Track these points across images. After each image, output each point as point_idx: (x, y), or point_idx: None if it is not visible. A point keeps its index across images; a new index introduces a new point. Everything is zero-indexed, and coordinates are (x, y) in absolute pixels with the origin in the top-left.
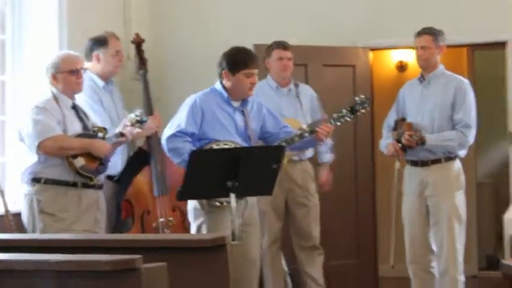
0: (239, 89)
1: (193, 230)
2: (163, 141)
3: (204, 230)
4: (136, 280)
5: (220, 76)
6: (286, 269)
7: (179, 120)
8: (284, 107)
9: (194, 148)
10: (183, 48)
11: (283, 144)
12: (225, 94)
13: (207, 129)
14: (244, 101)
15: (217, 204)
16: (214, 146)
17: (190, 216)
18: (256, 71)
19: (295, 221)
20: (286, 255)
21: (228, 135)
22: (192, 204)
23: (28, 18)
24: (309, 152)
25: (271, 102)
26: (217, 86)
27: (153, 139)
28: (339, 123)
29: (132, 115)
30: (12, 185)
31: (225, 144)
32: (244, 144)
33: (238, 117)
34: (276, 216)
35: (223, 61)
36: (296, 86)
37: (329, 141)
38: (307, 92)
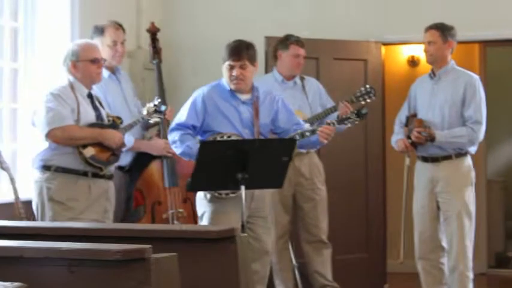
0: (226, 79)
1: (199, 220)
2: (168, 134)
3: (205, 221)
4: (145, 270)
5: None
6: (294, 262)
7: (181, 113)
8: (289, 99)
9: (193, 140)
10: (194, 40)
11: None
12: (228, 87)
13: (211, 122)
14: (253, 94)
15: (220, 195)
16: (218, 138)
17: (197, 207)
18: (236, 63)
19: (302, 215)
20: (294, 248)
21: (231, 127)
22: (198, 195)
23: (40, 6)
24: None
25: None
26: (223, 79)
27: (164, 130)
28: (344, 126)
29: (151, 104)
30: (24, 172)
31: (228, 137)
32: (250, 137)
33: (244, 109)
34: (284, 210)
35: None
36: (302, 79)
37: None
38: (313, 85)
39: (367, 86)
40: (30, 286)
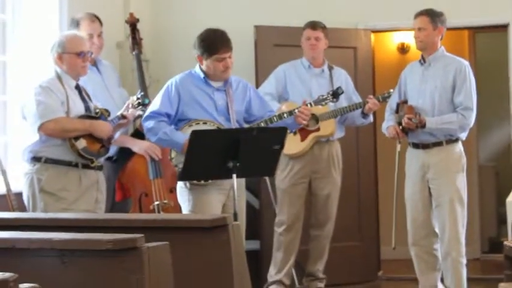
0: (213, 73)
1: (182, 210)
2: (142, 123)
3: (189, 209)
4: (137, 259)
5: (196, 59)
6: None
7: (155, 102)
8: (314, 87)
9: (169, 127)
10: (185, 29)
11: (262, 124)
12: (202, 75)
13: (186, 110)
14: (225, 81)
15: (199, 182)
16: (194, 125)
17: (178, 197)
18: (228, 54)
19: (315, 202)
20: None
21: (206, 114)
22: (178, 184)
23: None
24: (339, 133)
25: (301, 81)
26: (196, 68)
27: None
28: (320, 106)
29: (134, 97)
30: (14, 164)
31: (204, 123)
32: (225, 124)
33: (218, 96)
34: (296, 199)
35: (196, 45)
36: (330, 68)
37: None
38: (341, 76)
39: (391, 89)
40: (23, 277)
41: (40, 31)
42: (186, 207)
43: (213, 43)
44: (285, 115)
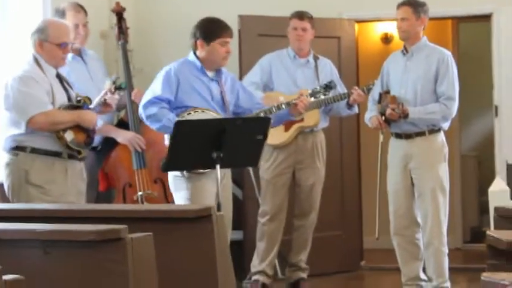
0: (213, 58)
1: (176, 199)
2: (140, 109)
3: (186, 197)
4: (121, 250)
5: (194, 46)
6: None
7: (155, 88)
8: (299, 77)
9: (172, 114)
10: (169, 18)
11: (261, 114)
12: (199, 63)
13: (184, 98)
14: (218, 72)
15: (198, 170)
16: (192, 113)
17: (172, 186)
18: (230, 39)
19: (300, 193)
20: None
21: (204, 103)
22: (172, 173)
23: None
24: (323, 123)
25: (286, 71)
26: (191, 56)
27: (132, 111)
28: (313, 99)
29: (109, 82)
30: None
31: (202, 112)
32: (221, 113)
33: (213, 86)
34: (280, 189)
35: (198, 31)
36: (316, 58)
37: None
38: (327, 66)
39: (375, 80)
40: (6, 267)
41: (24, 21)
42: (183, 196)
43: (218, 27)
44: (283, 106)
